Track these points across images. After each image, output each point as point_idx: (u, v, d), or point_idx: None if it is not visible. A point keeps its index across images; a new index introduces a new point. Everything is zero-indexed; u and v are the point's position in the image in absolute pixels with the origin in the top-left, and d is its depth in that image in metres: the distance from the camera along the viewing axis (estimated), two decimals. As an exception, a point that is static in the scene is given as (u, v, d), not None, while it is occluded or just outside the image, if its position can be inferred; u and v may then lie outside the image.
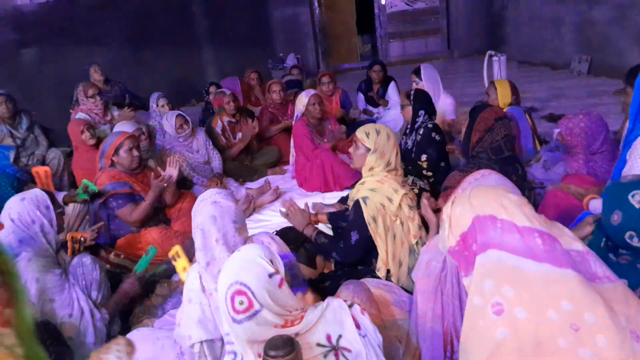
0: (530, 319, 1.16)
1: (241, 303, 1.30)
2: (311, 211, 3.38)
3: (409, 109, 3.43)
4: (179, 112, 4.22)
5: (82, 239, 2.57)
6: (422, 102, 3.42)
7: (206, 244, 1.82)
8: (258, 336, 1.30)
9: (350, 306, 1.41)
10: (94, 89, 4.57)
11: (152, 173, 3.13)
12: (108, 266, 2.77)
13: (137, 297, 2.54)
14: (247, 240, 1.92)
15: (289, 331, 1.32)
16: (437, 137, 3.30)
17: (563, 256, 1.22)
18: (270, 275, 1.34)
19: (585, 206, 2.26)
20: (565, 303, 1.15)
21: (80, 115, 4.45)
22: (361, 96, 5.39)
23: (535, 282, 1.19)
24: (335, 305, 1.41)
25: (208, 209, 1.84)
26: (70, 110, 4.86)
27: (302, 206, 2.75)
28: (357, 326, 1.38)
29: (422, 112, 3.39)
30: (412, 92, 3.46)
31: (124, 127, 3.77)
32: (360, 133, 2.44)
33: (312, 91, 4.15)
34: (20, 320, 0.88)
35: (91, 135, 3.78)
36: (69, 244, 2.52)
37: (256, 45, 8.58)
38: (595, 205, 2.19)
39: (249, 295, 1.30)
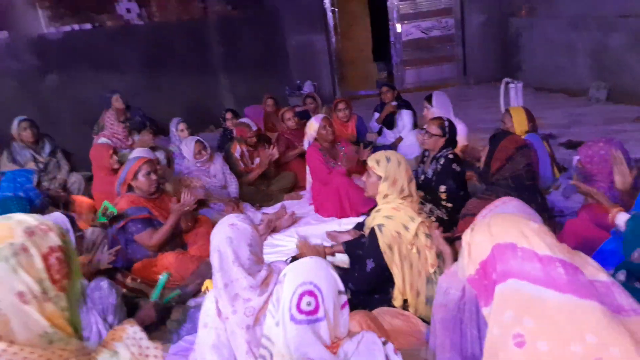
0: (553, 352, 1.12)
1: (309, 304, 1.29)
2: (326, 239, 3.38)
3: (439, 140, 3.34)
4: (198, 137, 4.28)
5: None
6: (453, 135, 3.37)
7: (223, 265, 1.83)
8: (306, 346, 1.28)
9: (384, 343, 1.40)
10: (123, 115, 4.76)
11: (174, 198, 3.17)
12: (124, 290, 2.78)
13: (153, 324, 2.53)
14: (263, 262, 1.92)
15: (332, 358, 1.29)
16: (458, 168, 3.27)
17: (587, 287, 1.19)
18: (339, 292, 1.35)
19: (612, 221, 2.19)
20: (590, 336, 1.12)
21: (103, 140, 4.56)
22: (377, 115, 5.47)
23: (558, 313, 1.16)
24: (369, 339, 1.39)
25: (225, 231, 1.86)
26: (93, 135, 4.98)
27: (316, 239, 2.75)
28: None
29: (450, 148, 3.35)
30: (447, 124, 3.36)
31: (142, 153, 3.82)
32: (371, 161, 2.45)
33: (321, 116, 4.19)
34: (72, 291, 1.10)
35: (117, 159, 3.86)
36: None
37: (272, 72, 8.72)
38: (623, 220, 2.12)
39: (318, 299, 1.29)
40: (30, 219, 1.09)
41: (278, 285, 1.39)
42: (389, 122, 5.32)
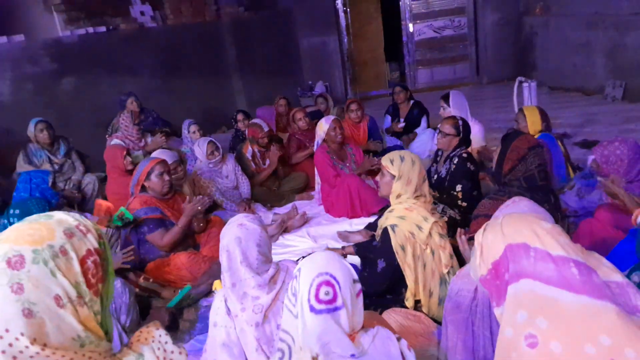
0: (566, 353, 1.11)
1: (327, 293, 1.31)
2: (337, 240, 3.38)
3: (452, 140, 3.32)
4: (211, 138, 4.31)
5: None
6: (467, 134, 3.35)
7: (231, 265, 1.84)
8: (328, 334, 1.29)
9: (398, 339, 1.39)
10: (137, 118, 4.84)
11: (187, 197, 3.19)
12: (137, 290, 2.81)
13: (165, 328, 2.55)
14: (271, 261, 1.93)
15: (352, 349, 1.30)
16: (472, 167, 3.24)
17: (601, 287, 1.17)
18: (354, 281, 1.37)
19: (634, 221, 2.15)
20: (604, 337, 1.10)
21: (116, 141, 4.61)
22: (388, 118, 5.45)
23: (572, 314, 1.14)
24: (384, 334, 1.39)
25: (234, 231, 1.87)
26: (107, 137, 5.04)
27: (329, 234, 2.74)
28: None
29: (464, 146, 3.33)
30: (461, 123, 3.34)
31: (164, 155, 3.82)
32: (385, 160, 2.43)
33: (331, 117, 4.18)
34: (106, 294, 1.10)
35: (131, 160, 3.90)
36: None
37: (285, 74, 8.75)
38: None
39: (336, 288, 1.32)
40: (70, 219, 1.07)
41: (293, 280, 1.40)
42: (410, 127, 5.32)
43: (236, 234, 1.86)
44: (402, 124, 5.24)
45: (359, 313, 1.37)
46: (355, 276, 1.38)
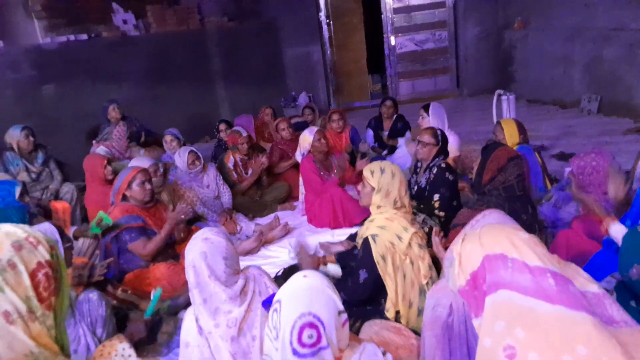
0: (544, 363, 1.12)
1: (310, 337, 1.25)
2: (319, 250, 3.37)
3: (433, 149, 3.37)
4: (192, 148, 4.28)
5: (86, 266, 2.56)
6: (445, 144, 3.41)
7: (199, 280, 1.82)
8: None
9: (383, 354, 1.38)
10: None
11: (170, 206, 3.15)
12: (114, 302, 2.75)
13: (144, 339, 2.50)
14: (239, 273, 1.91)
15: None
16: (450, 177, 3.28)
17: (577, 298, 1.18)
18: (339, 313, 1.31)
19: (605, 231, 2.19)
20: (581, 347, 1.11)
21: (102, 148, 4.55)
22: (370, 132, 5.44)
23: (549, 324, 1.16)
24: (370, 350, 1.37)
25: (199, 245, 1.85)
26: (93, 142, 4.98)
27: (312, 247, 2.75)
28: None
29: (442, 156, 3.38)
30: (439, 133, 3.39)
31: (139, 162, 3.81)
32: (366, 171, 2.44)
33: (315, 128, 4.20)
34: (60, 308, 1.07)
35: (112, 170, 3.83)
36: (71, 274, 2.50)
37: (269, 83, 8.76)
38: (617, 230, 2.12)
39: (320, 330, 1.25)
40: (19, 231, 1.04)
41: (273, 313, 1.33)
42: (382, 142, 5.34)
43: (201, 249, 1.84)
44: (385, 152, 5.25)
45: (345, 338, 1.34)
46: (341, 307, 1.32)
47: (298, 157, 4.34)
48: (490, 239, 1.34)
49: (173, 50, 7.37)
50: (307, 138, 4.12)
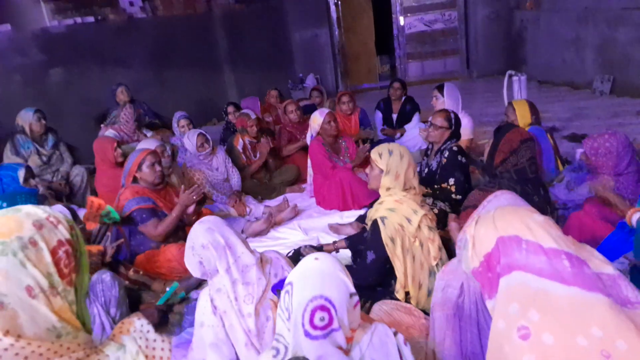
0: (558, 345, 1.12)
1: (322, 319, 1.26)
2: (328, 231, 3.38)
3: (445, 132, 3.32)
4: (201, 131, 4.28)
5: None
6: (457, 127, 3.35)
7: (220, 251, 1.86)
8: (326, 357, 1.26)
9: (395, 334, 1.39)
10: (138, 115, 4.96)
11: (182, 186, 3.17)
12: (127, 283, 2.78)
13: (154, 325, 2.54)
14: (254, 256, 1.95)
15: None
16: (463, 160, 3.24)
17: (592, 279, 1.18)
18: (351, 295, 1.32)
19: (629, 221, 2.16)
20: (596, 329, 1.11)
21: (110, 131, 4.56)
22: (379, 114, 5.40)
23: (564, 306, 1.15)
24: (381, 331, 1.38)
25: (199, 228, 1.92)
26: (102, 126, 5.00)
27: (320, 226, 2.74)
28: (400, 356, 1.35)
29: (454, 139, 3.33)
30: (453, 116, 3.34)
31: (147, 143, 3.82)
32: (374, 154, 2.43)
33: (325, 110, 4.17)
34: (80, 285, 1.10)
35: (121, 152, 3.85)
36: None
37: (276, 66, 8.70)
38: None
39: (332, 312, 1.26)
40: (39, 211, 1.07)
41: (285, 294, 1.34)
42: (402, 122, 5.29)
43: (204, 228, 1.90)
44: (398, 136, 5.19)
45: (356, 320, 1.34)
46: (352, 289, 1.33)
47: (308, 139, 4.33)
48: (504, 221, 1.34)
49: (180, 33, 7.32)
50: (317, 119, 4.10)
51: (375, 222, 2.34)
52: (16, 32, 5.48)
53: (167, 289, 2.75)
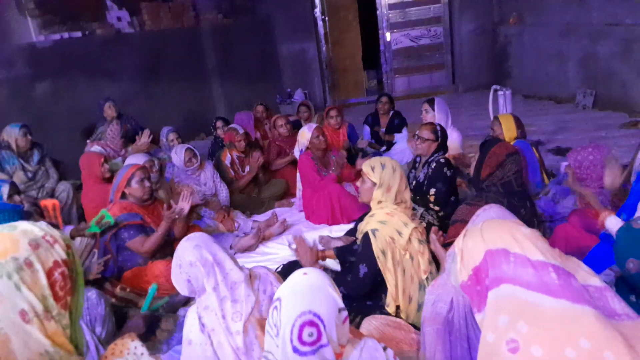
0: (547, 357, 1.13)
1: (310, 335, 1.24)
2: (318, 245, 3.37)
3: (432, 144, 3.37)
4: (188, 145, 4.26)
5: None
6: (444, 140, 3.41)
7: (209, 268, 1.84)
8: None
9: (384, 349, 1.38)
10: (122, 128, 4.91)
11: (165, 205, 3.14)
12: (113, 300, 2.74)
13: (142, 335, 2.50)
14: (243, 272, 1.93)
15: None
16: (449, 172, 3.29)
17: (579, 292, 1.19)
18: (340, 310, 1.31)
19: (601, 225, 2.20)
20: (584, 341, 1.12)
21: (96, 147, 4.52)
22: (367, 129, 5.44)
23: (552, 318, 1.16)
24: (371, 346, 1.37)
25: (186, 245, 1.89)
26: (88, 142, 4.95)
27: (311, 241, 2.74)
28: None
29: (442, 152, 3.38)
30: (439, 129, 3.40)
31: (135, 158, 3.80)
32: (366, 167, 2.44)
33: (313, 125, 4.19)
34: (75, 307, 1.07)
35: (109, 167, 3.82)
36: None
37: (264, 80, 8.73)
38: (613, 223, 2.14)
39: (320, 327, 1.25)
40: (35, 229, 1.04)
41: (273, 310, 1.33)
42: (378, 137, 5.34)
43: (192, 245, 1.88)
44: (384, 148, 5.23)
45: (345, 335, 1.34)
46: (341, 304, 1.32)
47: (296, 153, 4.34)
48: (491, 233, 1.35)
49: (168, 47, 7.33)
50: (305, 134, 4.12)
51: (366, 235, 2.34)
52: (2, 46, 5.45)
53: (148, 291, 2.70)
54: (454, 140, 4.25)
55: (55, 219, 3.08)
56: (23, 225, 1.04)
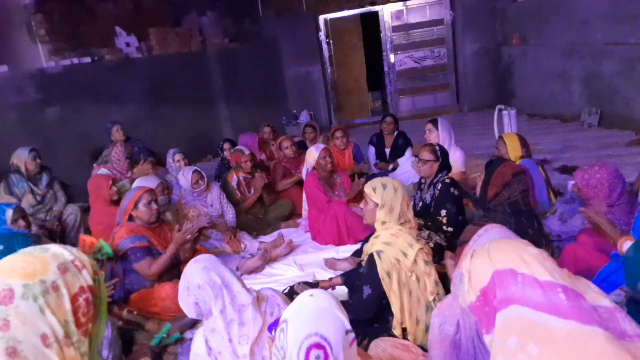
0: (558, 379, 1.11)
1: (317, 357, 1.22)
2: (324, 267, 3.36)
3: (433, 165, 3.38)
4: (196, 167, 4.29)
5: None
6: (445, 158, 3.42)
7: (217, 291, 1.84)
8: None
9: None
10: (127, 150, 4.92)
11: (177, 226, 3.15)
12: (120, 323, 2.74)
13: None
14: (250, 295, 1.92)
15: None
16: (456, 192, 3.28)
17: (589, 312, 1.18)
18: (347, 332, 1.29)
19: (620, 249, 2.16)
20: (594, 362, 1.10)
21: (103, 170, 4.56)
22: (372, 149, 5.46)
23: (562, 340, 1.15)
24: None
25: (194, 267, 1.89)
26: (94, 165, 5.00)
27: (316, 261, 2.72)
28: None
29: (445, 171, 3.39)
30: (438, 148, 3.42)
31: (147, 181, 3.78)
32: (367, 188, 2.45)
33: (321, 145, 4.22)
34: (95, 335, 1.06)
35: (117, 190, 3.84)
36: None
37: (270, 102, 8.84)
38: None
39: (327, 350, 1.23)
40: (66, 253, 1.04)
41: (280, 333, 1.32)
42: (395, 157, 5.34)
43: (200, 267, 1.88)
44: (390, 168, 5.24)
45: (353, 357, 1.32)
46: (348, 326, 1.31)
47: (304, 174, 4.35)
48: (499, 254, 1.34)
49: (175, 71, 7.45)
50: (312, 154, 4.14)
51: (371, 256, 2.33)
52: (13, 72, 5.56)
53: (161, 329, 2.71)
54: (456, 158, 4.26)
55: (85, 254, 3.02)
56: (54, 248, 1.05)
